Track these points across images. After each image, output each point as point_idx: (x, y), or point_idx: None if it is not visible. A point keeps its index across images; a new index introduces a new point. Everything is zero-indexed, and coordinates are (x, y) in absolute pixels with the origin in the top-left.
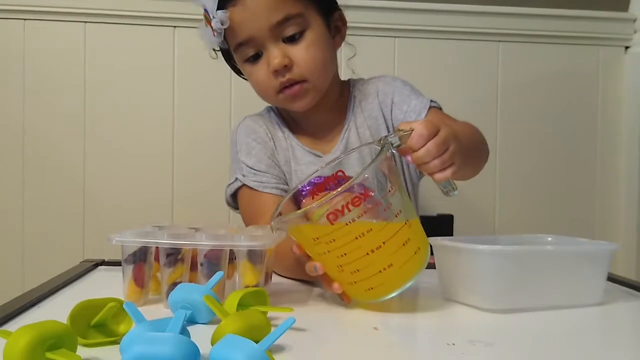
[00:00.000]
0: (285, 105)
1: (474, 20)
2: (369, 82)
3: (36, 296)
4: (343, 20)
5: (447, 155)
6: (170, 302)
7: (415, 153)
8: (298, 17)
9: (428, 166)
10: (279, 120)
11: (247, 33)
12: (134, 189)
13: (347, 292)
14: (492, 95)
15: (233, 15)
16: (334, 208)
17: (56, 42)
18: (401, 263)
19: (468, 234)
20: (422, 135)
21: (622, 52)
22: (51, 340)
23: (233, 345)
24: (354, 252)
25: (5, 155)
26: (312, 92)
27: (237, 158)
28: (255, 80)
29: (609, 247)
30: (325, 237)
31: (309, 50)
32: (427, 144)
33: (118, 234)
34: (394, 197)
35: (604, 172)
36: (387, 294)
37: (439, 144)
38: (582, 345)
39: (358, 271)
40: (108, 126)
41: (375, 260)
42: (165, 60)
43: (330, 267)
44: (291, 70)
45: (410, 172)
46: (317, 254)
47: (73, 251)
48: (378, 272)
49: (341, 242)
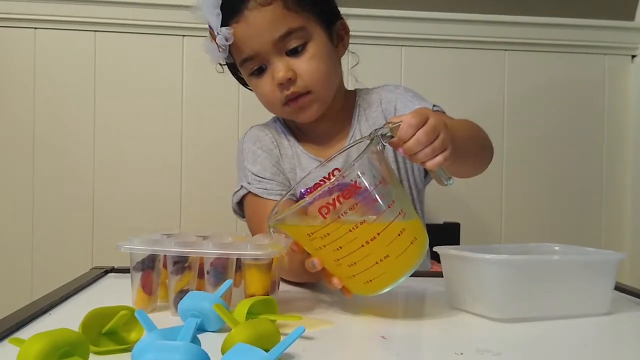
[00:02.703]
0: (292, 117)
1: (481, 29)
2: (373, 91)
3: (47, 303)
4: (346, 29)
5: (437, 143)
6: (180, 310)
7: (405, 144)
8: (300, 30)
9: (419, 155)
10: (285, 129)
11: (251, 48)
12: (143, 197)
13: (347, 286)
14: (498, 104)
15: (236, 31)
16: (326, 202)
17: (66, 51)
18: (397, 254)
19: (474, 242)
20: (411, 124)
21: (629, 61)
22: (64, 348)
23: (243, 354)
24: (349, 245)
25: (16, 162)
26: (316, 103)
27: (243, 166)
28: (261, 93)
29: (616, 257)
30: (319, 231)
31: (312, 62)
32: (417, 132)
33: (127, 241)
34: (386, 189)
35: (611, 181)
36: (385, 286)
37: (429, 132)
38: (590, 354)
39: (355, 264)
40: (117, 134)
41: (371, 252)
42: (174, 69)
43: (328, 261)
44: (295, 83)
45: (415, 178)
46: (313, 249)
47: (82, 258)
48: (375, 264)
49: (335, 235)
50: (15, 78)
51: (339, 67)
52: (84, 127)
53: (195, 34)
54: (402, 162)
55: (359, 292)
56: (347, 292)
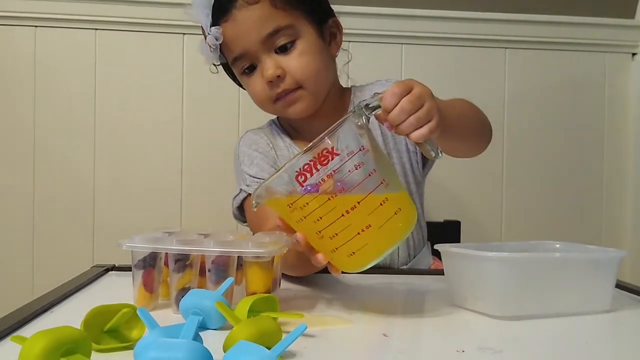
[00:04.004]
0: (283, 113)
1: (481, 27)
2: (367, 87)
3: (49, 301)
4: (338, 27)
5: (422, 112)
6: (181, 308)
7: (389, 114)
8: (288, 28)
9: (403, 125)
10: (280, 131)
11: (240, 47)
12: (143, 195)
13: (332, 261)
14: (498, 102)
15: (226, 31)
16: (303, 169)
17: (67, 49)
18: (380, 224)
19: (475, 240)
20: (394, 93)
21: (629, 59)
22: (66, 345)
23: (246, 351)
24: (328, 216)
25: (16, 160)
26: (307, 97)
27: (240, 170)
28: (253, 91)
29: (618, 255)
30: (298, 201)
31: (301, 59)
32: (401, 101)
33: (128, 239)
34: (366, 157)
35: (611, 179)
36: (370, 259)
37: (413, 100)
38: (591, 352)
39: (336, 235)
40: (118, 131)
41: (351, 222)
42: (174, 67)
43: (310, 235)
44: (284, 80)
45: (414, 170)
46: (295, 222)
47: (82, 257)
48: (357, 235)
49: (314, 205)
50: (15, 76)
51: (332, 65)
52: (85, 125)
53: (195, 32)
54: (397, 156)
55: (345, 268)
56: (334, 269)
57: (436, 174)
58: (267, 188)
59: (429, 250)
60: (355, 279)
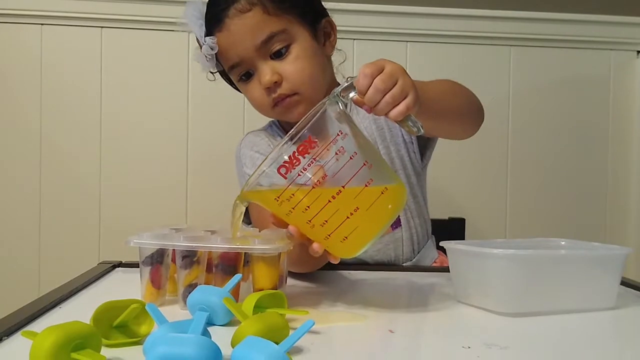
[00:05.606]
0: (282, 118)
1: (486, 24)
2: None
3: (57, 297)
4: (332, 26)
5: (396, 90)
6: (188, 304)
7: (365, 96)
8: (281, 33)
9: (380, 105)
10: (280, 131)
11: (236, 55)
12: (149, 192)
13: (328, 249)
14: (504, 100)
15: (220, 40)
16: (283, 161)
17: (73, 47)
18: (367, 205)
19: (480, 237)
20: (366, 74)
21: (634, 57)
22: (77, 340)
23: (254, 346)
24: (316, 204)
25: (22, 158)
26: (303, 102)
27: (242, 172)
28: (251, 97)
29: (623, 252)
30: (284, 194)
31: (297, 63)
32: (374, 81)
33: (136, 236)
34: (345, 141)
35: (616, 176)
36: (363, 242)
37: (385, 80)
38: (596, 349)
39: (327, 222)
40: (123, 129)
41: (339, 207)
42: (180, 65)
43: (302, 225)
44: (281, 85)
45: (413, 162)
46: (285, 215)
47: (88, 254)
48: (346, 219)
49: (300, 195)
50: (21, 74)
51: (328, 65)
52: (91, 122)
53: None
54: (395, 150)
55: (341, 254)
56: (331, 256)
57: (441, 172)
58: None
59: (433, 244)
60: (361, 275)
